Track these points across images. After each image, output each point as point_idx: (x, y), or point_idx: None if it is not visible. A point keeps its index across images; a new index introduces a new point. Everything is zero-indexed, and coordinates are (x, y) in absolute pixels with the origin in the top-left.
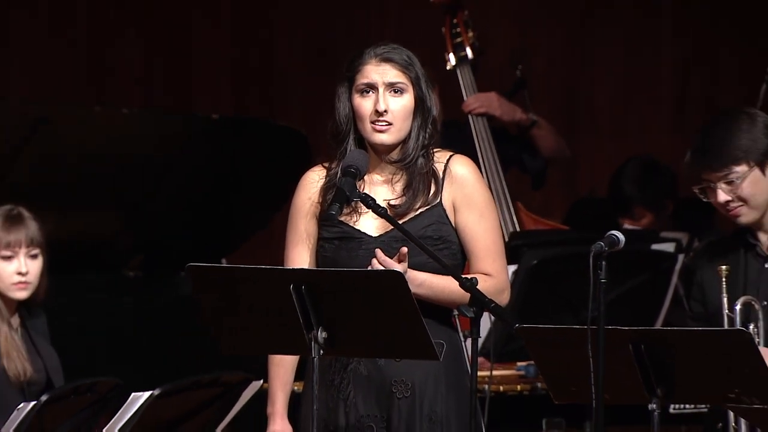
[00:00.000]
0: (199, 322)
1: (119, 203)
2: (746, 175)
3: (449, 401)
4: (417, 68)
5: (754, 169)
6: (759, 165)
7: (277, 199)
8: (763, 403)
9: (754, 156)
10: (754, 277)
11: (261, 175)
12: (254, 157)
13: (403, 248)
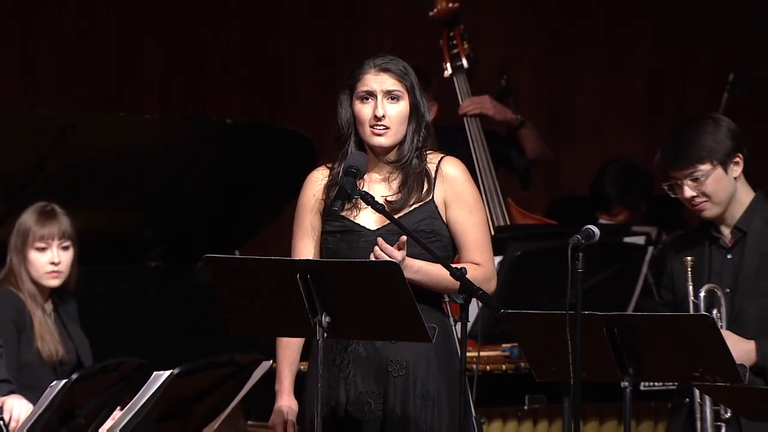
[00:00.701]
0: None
1: (141, 200)
2: (710, 173)
3: (440, 380)
4: (412, 77)
5: (717, 167)
6: (722, 164)
7: (285, 196)
8: (725, 381)
9: (718, 156)
10: (717, 266)
11: (270, 174)
12: (264, 158)
13: (402, 237)
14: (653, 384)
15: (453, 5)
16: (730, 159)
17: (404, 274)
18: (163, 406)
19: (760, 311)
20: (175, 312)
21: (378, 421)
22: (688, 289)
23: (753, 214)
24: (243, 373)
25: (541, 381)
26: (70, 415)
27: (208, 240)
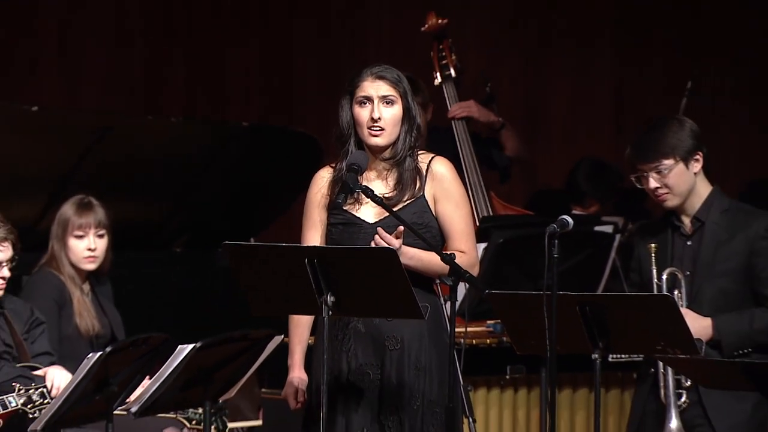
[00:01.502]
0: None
1: (169, 193)
2: (672, 168)
3: (432, 353)
4: (404, 84)
5: (679, 163)
6: (683, 160)
7: (295, 190)
8: (684, 354)
9: (680, 153)
10: (679, 252)
11: (282, 170)
12: (276, 157)
13: (400, 227)
14: (620, 356)
15: (442, 21)
16: (691, 156)
17: (400, 260)
18: (187, 376)
19: (716, 292)
20: (198, 292)
21: (376, 389)
22: (652, 272)
23: (710, 206)
24: (257, 346)
25: (521, 353)
26: (105, 383)
27: (227, 228)
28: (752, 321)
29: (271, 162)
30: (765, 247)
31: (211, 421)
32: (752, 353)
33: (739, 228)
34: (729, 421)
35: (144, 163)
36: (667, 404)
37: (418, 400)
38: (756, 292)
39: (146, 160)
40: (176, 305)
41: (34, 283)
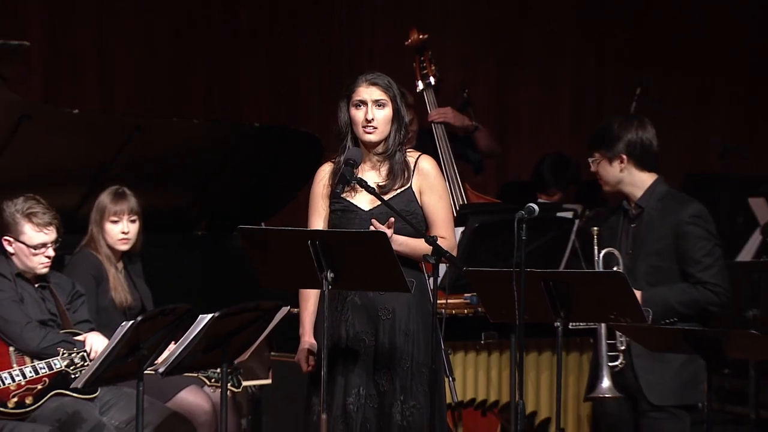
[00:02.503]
0: (246, 266)
1: (191, 184)
2: (598, 161)
3: (418, 321)
4: (394, 89)
5: (604, 159)
6: (608, 159)
7: (300, 181)
8: (633, 322)
9: (604, 151)
10: (624, 234)
11: (288, 164)
12: (284, 152)
13: (391, 219)
14: (579, 324)
15: (422, 36)
16: (614, 156)
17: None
18: (207, 341)
19: (649, 268)
20: (216, 269)
21: (371, 353)
22: (594, 252)
23: (651, 194)
24: (267, 316)
25: (494, 321)
26: (136, 347)
27: (241, 214)
28: (677, 295)
29: (279, 157)
30: (688, 231)
31: (228, 380)
32: (677, 322)
33: (670, 213)
34: (655, 381)
35: (169, 158)
36: (600, 366)
37: (407, 362)
38: (682, 270)
39: (171, 156)
40: (197, 281)
41: (76, 261)
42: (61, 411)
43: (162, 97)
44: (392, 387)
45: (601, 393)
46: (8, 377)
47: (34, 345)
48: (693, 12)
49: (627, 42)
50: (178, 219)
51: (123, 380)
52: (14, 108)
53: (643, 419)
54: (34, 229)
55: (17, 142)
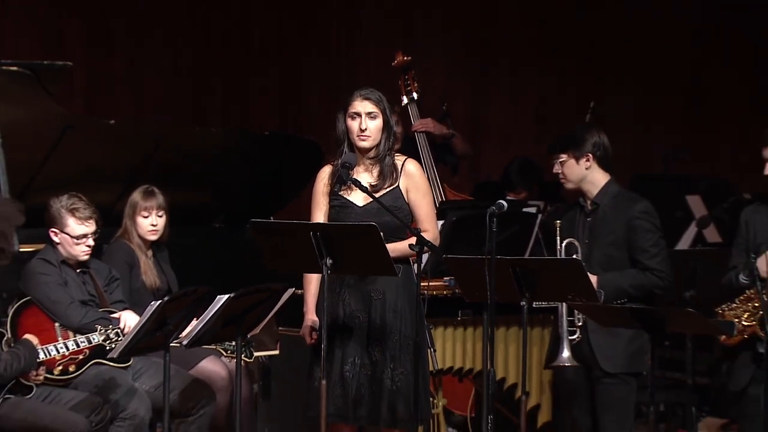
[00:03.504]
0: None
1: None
2: (566, 161)
3: (404, 301)
4: (384, 103)
5: (571, 159)
6: (575, 158)
7: (303, 181)
8: (587, 301)
9: (573, 152)
10: (581, 226)
11: (293, 167)
12: (289, 156)
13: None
14: (541, 303)
15: (407, 58)
16: (582, 156)
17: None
18: (224, 318)
19: (603, 256)
20: (232, 257)
21: (364, 328)
22: (557, 241)
23: (605, 193)
24: (275, 296)
25: (469, 301)
26: (163, 323)
27: (253, 209)
28: (628, 279)
29: (285, 161)
30: (638, 225)
31: (241, 351)
32: (627, 302)
33: (622, 210)
34: (607, 352)
35: (191, 162)
36: (561, 339)
37: (395, 336)
38: (632, 258)
39: (193, 160)
40: (216, 266)
41: (112, 250)
42: (99, 378)
43: (185, 109)
44: (383, 357)
45: (561, 362)
46: (54, 349)
47: (76, 322)
48: (639, 34)
49: (584, 60)
50: (199, 214)
51: (152, 351)
52: (59, 119)
53: (597, 385)
54: (76, 222)
55: (62, 149)
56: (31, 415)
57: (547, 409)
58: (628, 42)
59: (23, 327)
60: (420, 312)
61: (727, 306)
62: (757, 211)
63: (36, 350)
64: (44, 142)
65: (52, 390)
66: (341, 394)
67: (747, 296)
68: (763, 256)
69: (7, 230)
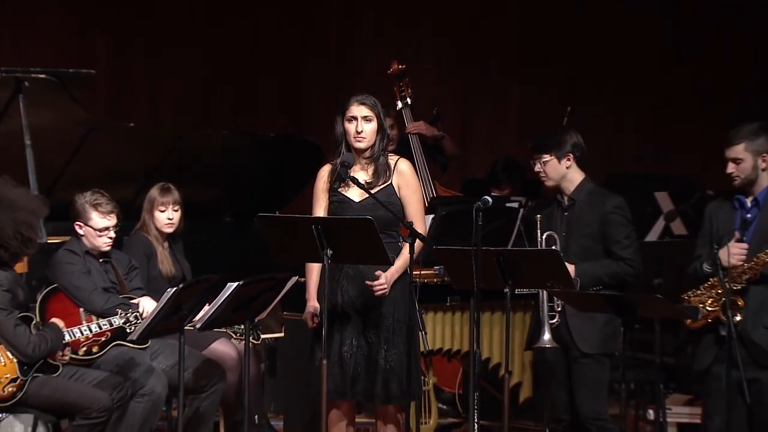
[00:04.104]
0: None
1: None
2: (548, 161)
3: (398, 288)
4: (379, 107)
5: (553, 158)
6: (557, 158)
7: (305, 179)
8: (565, 288)
9: (555, 152)
10: (559, 220)
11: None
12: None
13: (382, 279)
14: (523, 290)
15: (401, 66)
16: (563, 156)
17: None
18: (233, 303)
19: (579, 248)
20: (241, 248)
21: (361, 313)
22: (537, 234)
23: (581, 190)
24: (280, 284)
25: (457, 288)
26: (178, 308)
27: (260, 204)
28: (603, 268)
29: (288, 160)
30: (612, 219)
31: (250, 334)
32: (602, 289)
33: (597, 205)
34: (584, 334)
35: (204, 161)
36: (542, 323)
37: (389, 320)
38: (606, 249)
39: (205, 159)
40: (226, 257)
41: (131, 241)
42: (119, 358)
43: (197, 113)
44: (378, 339)
45: (542, 344)
46: (78, 332)
47: (98, 307)
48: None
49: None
50: (210, 209)
51: (168, 334)
52: (83, 123)
53: (574, 364)
54: (99, 216)
55: (86, 149)
56: (58, 392)
57: (528, 387)
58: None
59: (50, 311)
60: (412, 298)
61: (693, 293)
62: (719, 207)
63: (62, 333)
64: (69, 144)
65: (77, 369)
66: (340, 373)
67: (711, 284)
68: (725, 248)
69: (35, 222)
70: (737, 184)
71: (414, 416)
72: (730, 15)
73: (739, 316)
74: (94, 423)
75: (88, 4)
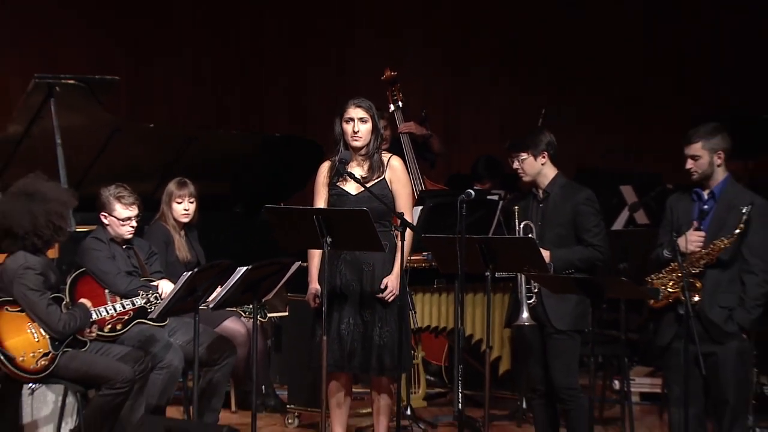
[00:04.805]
0: (270, 234)
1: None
2: (525, 159)
3: (390, 272)
4: (373, 110)
5: (530, 156)
6: (533, 156)
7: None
8: (540, 272)
9: (532, 151)
10: (535, 211)
11: (299, 162)
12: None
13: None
14: (502, 273)
15: (393, 73)
16: (539, 154)
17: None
18: (243, 285)
19: (554, 236)
20: (249, 236)
21: (357, 294)
22: (515, 223)
23: (554, 184)
24: (285, 268)
25: (443, 272)
26: (193, 290)
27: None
28: (576, 254)
29: (293, 157)
30: (583, 210)
31: (257, 313)
32: (573, 273)
33: (569, 197)
34: (558, 313)
35: (216, 158)
36: (520, 303)
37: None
38: (577, 237)
39: (217, 156)
40: (236, 244)
41: (151, 230)
42: (141, 334)
43: (209, 115)
44: (373, 318)
45: (521, 321)
46: (104, 311)
47: (122, 288)
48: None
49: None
50: (222, 200)
51: (184, 313)
52: (108, 124)
53: (549, 340)
54: (122, 207)
55: (110, 148)
56: (85, 365)
57: (507, 360)
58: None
59: (79, 293)
60: (403, 281)
61: (655, 276)
62: (679, 199)
63: (89, 312)
64: (96, 143)
65: (103, 345)
66: (338, 348)
67: (671, 268)
68: (684, 236)
69: (65, 213)
70: (695, 178)
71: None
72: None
73: (697, 297)
74: (118, 393)
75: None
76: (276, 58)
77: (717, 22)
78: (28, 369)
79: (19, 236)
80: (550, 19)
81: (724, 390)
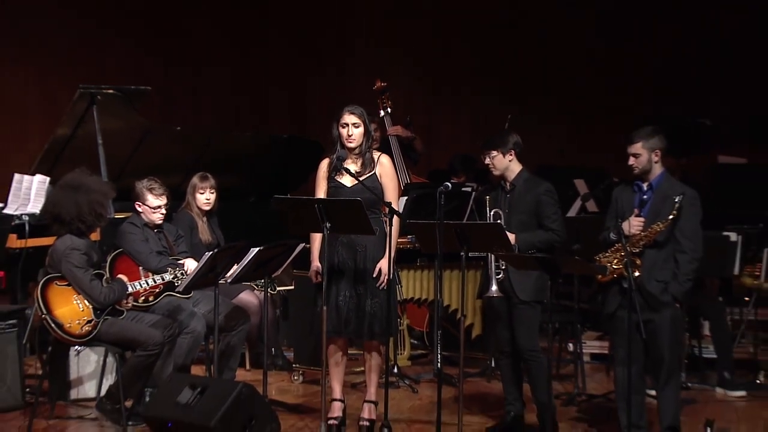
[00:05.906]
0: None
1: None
2: (495, 156)
3: (380, 252)
4: (365, 115)
5: (499, 154)
6: (502, 153)
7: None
8: (507, 252)
9: (501, 149)
10: (503, 200)
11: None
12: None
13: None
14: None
15: (383, 84)
16: (507, 152)
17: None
18: (256, 263)
19: (518, 222)
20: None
21: (352, 271)
22: (486, 211)
23: (520, 177)
24: (290, 249)
25: (425, 252)
26: (214, 267)
27: (276, 189)
28: (537, 237)
29: (297, 155)
30: (543, 200)
31: (268, 286)
32: (535, 253)
33: (532, 189)
34: (522, 286)
35: (232, 156)
36: (490, 278)
37: (373, 276)
38: (539, 222)
39: (232, 155)
40: (250, 229)
41: (178, 217)
42: (169, 304)
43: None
44: (365, 291)
45: (491, 294)
46: (138, 285)
47: (153, 266)
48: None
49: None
50: (238, 191)
51: (206, 286)
52: (142, 127)
53: (514, 309)
54: (153, 197)
55: (144, 147)
56: (122, 331)
57: (479, 327)
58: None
59: (117, 269)
60: (390, 260)
61: (602, 255)
62: (623, 191)
63: (126, 285)
64: (131, 143)
65: (138, 313)
66: (336, 316)
67: (616, 248)
68: (627, 221)
69: (105, 202)
70: (636, 173)
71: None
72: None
73: (637, 273)
74: (150, 354)
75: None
76: (281, 69)
77: (649, 36)
78: (74, 334)
79: (66, 222)
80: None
81: (660, 351)
